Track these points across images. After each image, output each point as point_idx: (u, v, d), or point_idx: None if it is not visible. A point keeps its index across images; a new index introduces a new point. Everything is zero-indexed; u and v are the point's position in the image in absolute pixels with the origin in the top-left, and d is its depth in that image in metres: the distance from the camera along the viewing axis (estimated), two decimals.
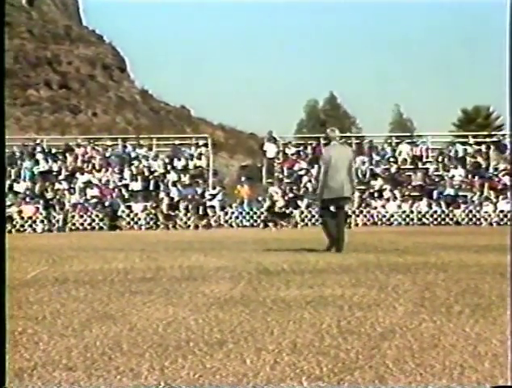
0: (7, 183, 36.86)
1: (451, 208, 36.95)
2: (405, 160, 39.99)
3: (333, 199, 14.02)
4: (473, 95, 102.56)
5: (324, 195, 14.14)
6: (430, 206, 37.31)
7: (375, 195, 37.85)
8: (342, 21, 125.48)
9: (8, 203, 35.40)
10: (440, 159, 39.99)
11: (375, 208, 37.21)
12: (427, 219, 36.78)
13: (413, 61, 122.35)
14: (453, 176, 38.71)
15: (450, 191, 37.85)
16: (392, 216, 36.91)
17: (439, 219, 36.72)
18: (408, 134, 49.17)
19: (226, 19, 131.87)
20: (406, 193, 37.98)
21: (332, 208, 14.14)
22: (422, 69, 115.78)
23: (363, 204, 37.26)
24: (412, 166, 39.68)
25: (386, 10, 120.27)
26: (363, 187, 38.20)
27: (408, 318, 5.87)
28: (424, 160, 40.10)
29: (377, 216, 36.82)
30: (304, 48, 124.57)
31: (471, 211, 36.77)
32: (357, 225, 35.89)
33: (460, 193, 37.73)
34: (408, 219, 36.84)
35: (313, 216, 35.44)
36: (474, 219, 36.55)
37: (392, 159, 39.86)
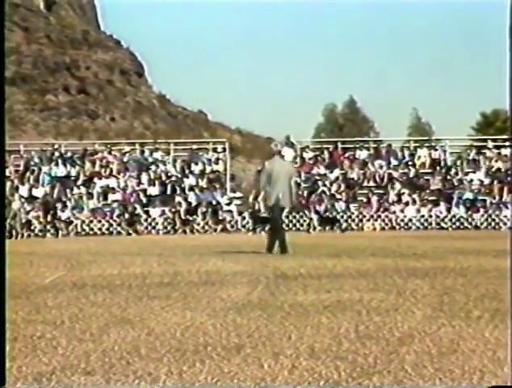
0: (26, 187, 37.01)
1: (469, 213, 36.77)
2: (424, 164, 39.83)
3: (272, 207, 15.64)
4: (490, 98, 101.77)
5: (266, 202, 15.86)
6: (448, 210, 37.13)
7: (394, 199, 37.72)
8: (347, 22, 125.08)
9: (28, 208, 35.50)
10: (459, 163, 39.83)
11: (394, 212, 37.09)
12: (446, 223, 36.62)
13: (425, 63, 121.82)
14: (472, 180, 38.53)
15: (469, 195, 37.65)
16: (411, 220, 36.77)
17: (458, 223, 36.53)
18: (426, 138, 48.91)
19: (243, 23, 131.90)
20: (425, 197, 37.83)
21: (272, 215, 15.87)
22: (436, 72, 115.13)
23: (382, 209, 37.16)
24: (430, 170, 39.51)
25: (396, 10, 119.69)
26: (381, 192, 38.11)
27: (426, 322, 5.84)
28: (442, 164, 39.93)
29: (395, 220, 36.70)
30: (315, 51, 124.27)
31: (490, 215, 36.58)
32: (375, 229, 35.81)
33: (479, 197, 37.53)
34: (426, 223, 36.69)
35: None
36: (493, 223, 36.34)
37: (410, 163, 39.72)
